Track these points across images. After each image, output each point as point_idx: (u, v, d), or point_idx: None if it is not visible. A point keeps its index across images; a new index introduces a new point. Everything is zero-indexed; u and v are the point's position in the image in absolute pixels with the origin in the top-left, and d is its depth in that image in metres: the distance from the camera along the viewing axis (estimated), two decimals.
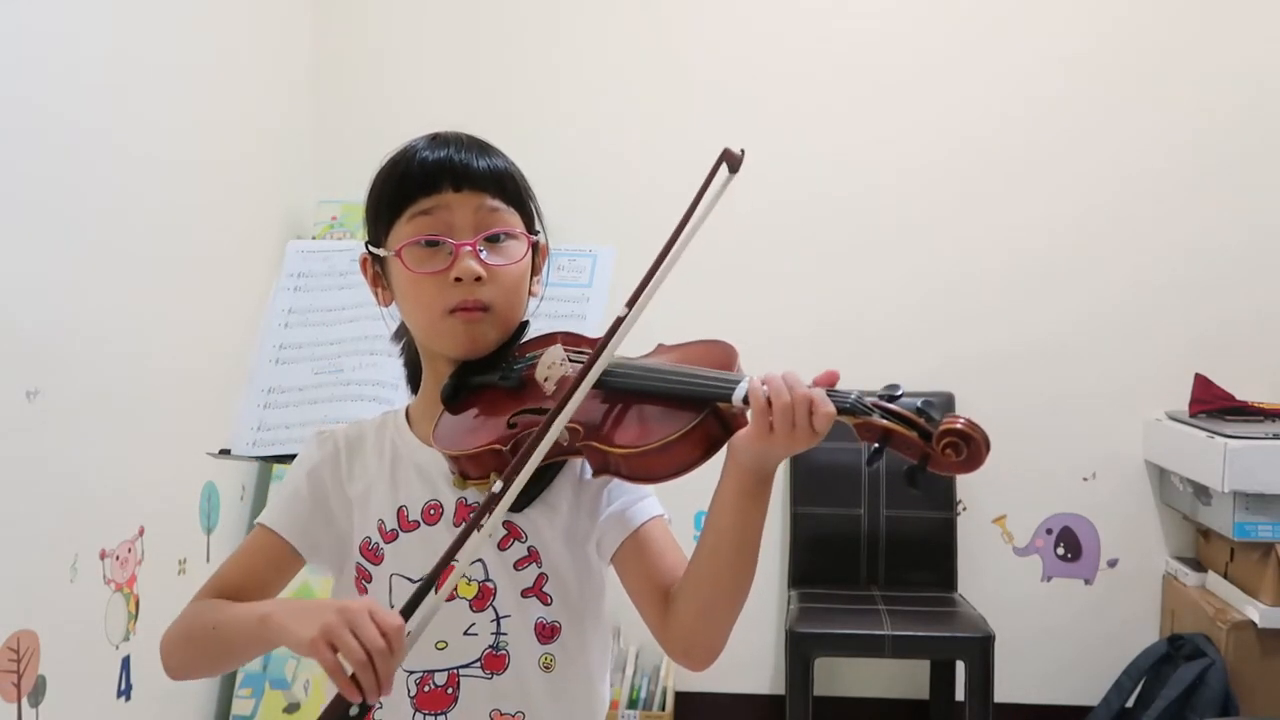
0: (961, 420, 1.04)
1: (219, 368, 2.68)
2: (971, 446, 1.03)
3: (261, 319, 1.99)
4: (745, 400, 1.08)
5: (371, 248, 1.28)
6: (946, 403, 3.32)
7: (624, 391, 1.15)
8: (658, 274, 1.13)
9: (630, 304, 1.13)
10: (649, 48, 3.47)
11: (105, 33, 2.36)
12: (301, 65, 3.43)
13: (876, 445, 1.07)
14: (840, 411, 1.06)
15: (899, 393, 1.08)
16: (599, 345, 1.15)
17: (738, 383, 1.09)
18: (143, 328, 2.49)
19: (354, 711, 1.02)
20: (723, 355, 1.17)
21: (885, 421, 1.06)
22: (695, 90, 3.44)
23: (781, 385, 1.06)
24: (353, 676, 1.00)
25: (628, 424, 1.13)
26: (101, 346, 2.33)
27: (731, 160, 1.16)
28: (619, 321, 1.13)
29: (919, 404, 1.06)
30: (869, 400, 1.07)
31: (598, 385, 1.15)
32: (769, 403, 1.05)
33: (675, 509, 1.26)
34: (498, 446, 1.15)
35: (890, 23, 3.42)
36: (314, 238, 3.29)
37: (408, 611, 1.05)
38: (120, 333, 2.40)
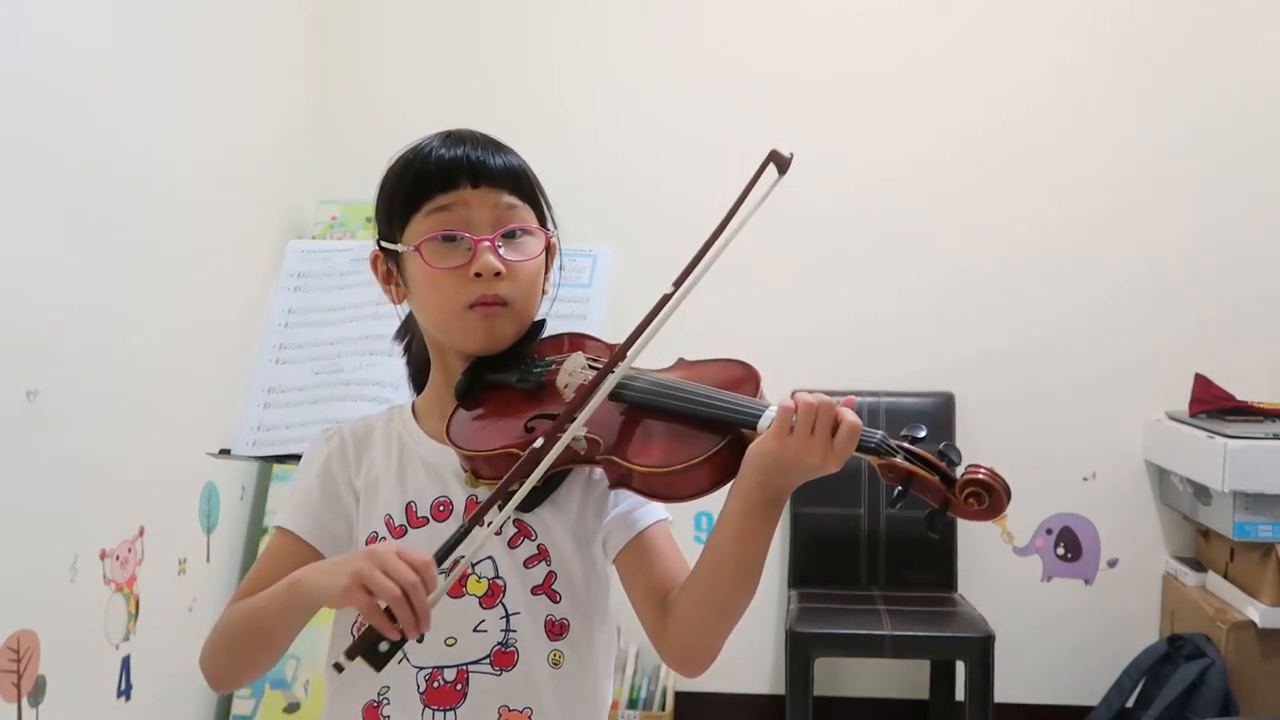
0: (984, 470, 1.05)
1: (219, 368, 2.68)
2: (994, 497, 1.04)
3: (261, 319, 1.99)
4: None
5: (385, 244, 1.28)
6: (947, 402, 3.33)
7: (647, 408, 1.15)
8: (696, 270, 1.13)
9: (651, 315, 1.13)
10: (649, 49, 3.47)
11: (105, 33, 2.35)
12: (302, 65, 3.43)
13: (900, 488, 1.07)
14: (865, 451, 1.07)
15: (922, 434, 1.08)
16: (619, 349, 1.15)
17: (764, 410, 1.09)
18: (143, 328, 2.48)
19: (384, 647, 1.03)
20: (748, 378, 1.17)
21: (909, 464, 1.06)
22: (695, 91, 3.44)
23: (809, 394, 1.06)
24: (388, 612, 1.02)
25: (649, 442, 1.13)
26: (101, 346, 2.33)
27: (780, 162, 1.17)
28: (656, 309, 1.13)
29: (941, 446, 1.07)
30: (893, 442, 1.07)
31: (620, 399, 1.16)
32: (795, 405, 1.05)
33: (676, 510, 1.26)
34: (515, 450, 1.15)
35: (889, 24, 3.42)
36: (314, 238, 3.29)
37: (440, 556, 1.07)
38: (120, 332, 2.40)
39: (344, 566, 1.06)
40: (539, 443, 1.11)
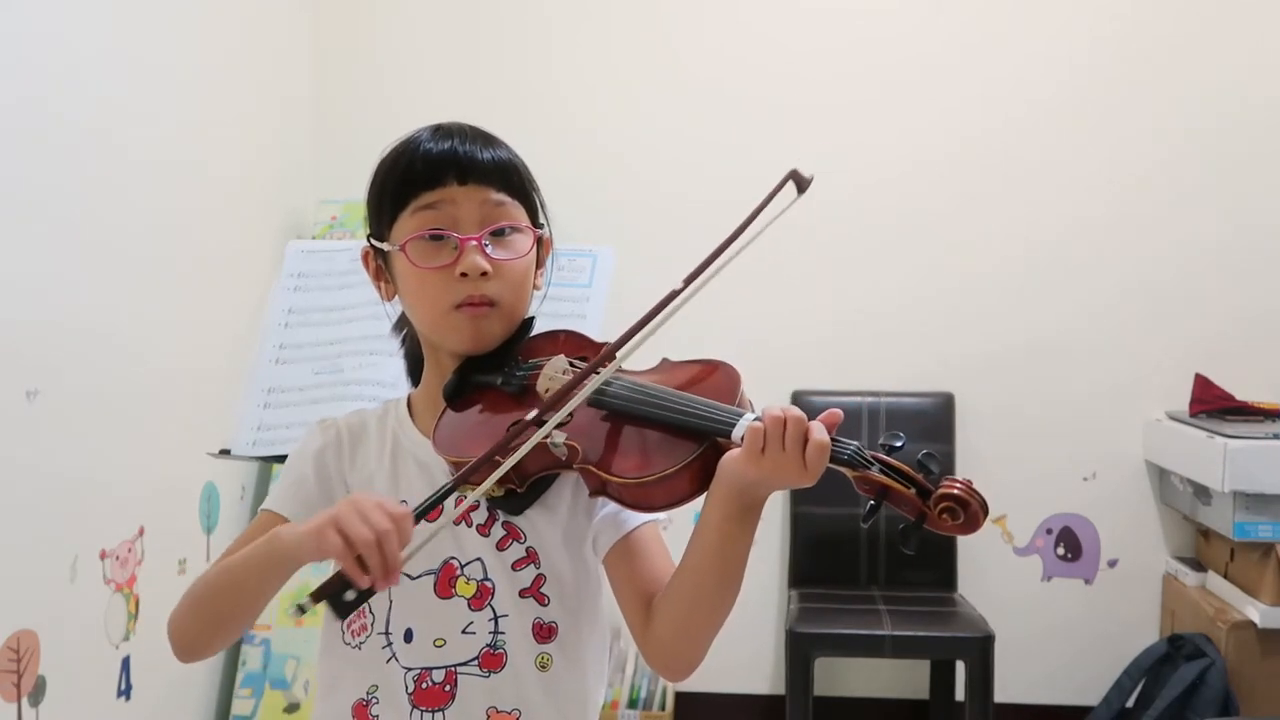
0: (959, 485, 1.03)
1: (219, 368, 2.68)
2: (969, 513, 1.03)
3: (261, 319, 1.99)
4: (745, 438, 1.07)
5: (374, 241, 1.28)
6: (947, 402, 3.33)
7: (624, 415, 1.14)
8: (694, 284, 1.13)
9: (639, 326, 1.13)
10: (649, 48, 3.47)
11: (105, 32, 2.36)
12: (302, 65, 3.44)
13: (873, 501, 1.05)
14: (839, 462, 1.05)
15: (900, 443, 1.06)
16: (607, 350, 1.15)
17: (740, 417, 1.08)
18: (143, 328, 2.49)
19: (350, 595, 1.02)
20: (727, 382, 1.16)
21: (884, 477, 1.05)
22: (696, 91, 3.44)
23: (775, 407, 1.05)
24: (359, 561, 1.01)
25: (626, 451, 1.12)
26: (101, 346, 2.33)
27: (799, 182, 1.16)
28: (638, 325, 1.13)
29: (920, 456, 1.05)
30: (869, 453, 1.06)
31: (599, 405, 1.15)
32: (764, 424, 1.04)
33: (676, 509, 1.26)
34: (495, 458, 1.14)
35: (889, 24, 3.42)
36: (314, 238, 3.29)
37: (419, 514, 1.07)
38: (120, 333, 2.40)
39: (322, 514, 1.05)
40: (525, 419, 1.11)
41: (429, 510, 1.08)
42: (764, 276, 3.35)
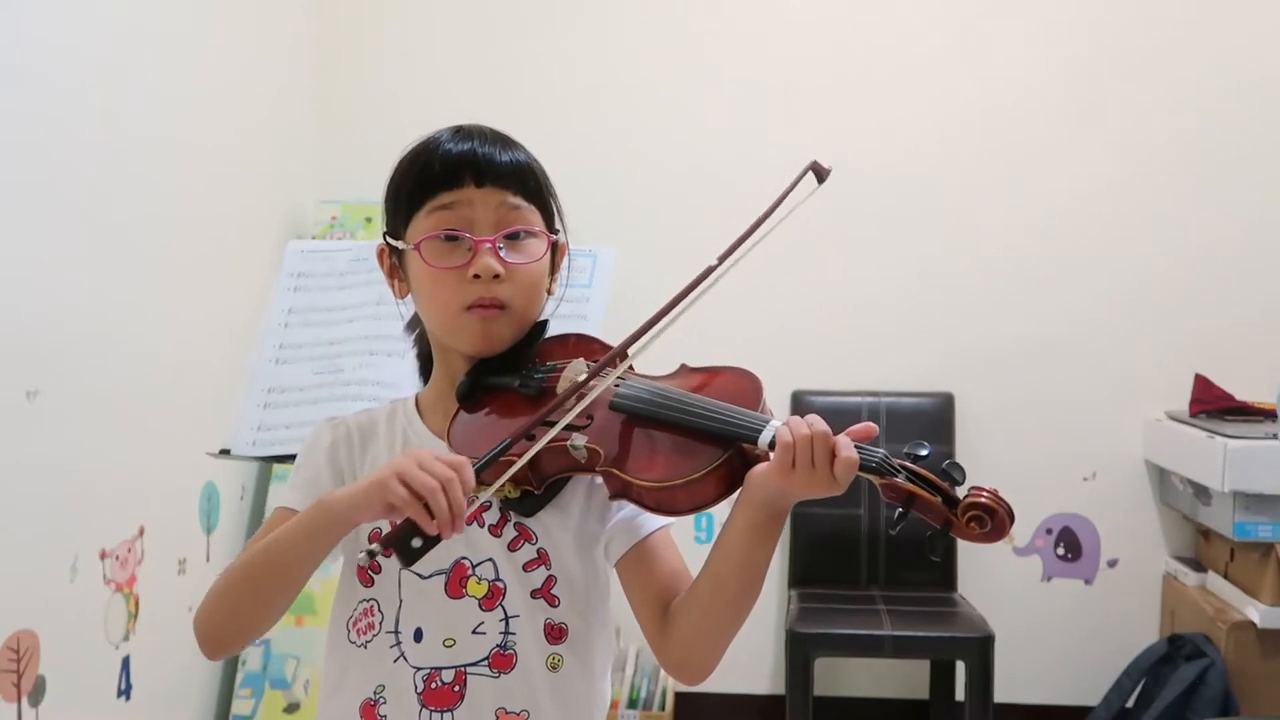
0: (986, 493, 1.04)
1: (219, 368, 2.68)
2: (996, 520, 1.04)
3: (261, 319, 1.99)
4: (771, 445, 1.08)
5: (390, 239, 1.28)
6: (946, 402, 3.33)
7: (647, 419, 1.15)
8: (714, 274, 1.14)
9: (667, 307, 1.14)
10: (647, 49, 3.47)
11: (105, 32, 2.35)
12: (302, 65, 3.43)
13: (901, 508, 1.06)
14: (866, 470, 1.06)
15: (925, 452, 1.07)
16: (622, 345, 1.16)
17: (765, 424, 1.09)
18: (143, 327, 2.49)
19: (416, 543, 1.04)
20: (750, 389, 1.16)
21: (911, 485, 1.06)
22: (695, 92, 3.44)
23: (803, 423, 1.07)
24: (426, 508, 1.03)
25: (649, 455, 1.12)
26: (101, 346, 2.33)
27: (819, 172, 1.17)
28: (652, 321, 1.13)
29: (945, 465, 1.06)
30: (896, 461, 1.07)
31: (621, 409, 1.16)
32: (792, 439, 1.06)
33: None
34: (513, 456, 1.14)
35: (887, 14, 3.42)
36: (314, 238, 3.29)
37: (480, 466, 1.09)
38: (120, 332, 2.40)
39: (378, 472, 1.06)
40: (575, 379, 1.12)
41: (490, 462, 1.10)
42: (763, 277, 3.35)
